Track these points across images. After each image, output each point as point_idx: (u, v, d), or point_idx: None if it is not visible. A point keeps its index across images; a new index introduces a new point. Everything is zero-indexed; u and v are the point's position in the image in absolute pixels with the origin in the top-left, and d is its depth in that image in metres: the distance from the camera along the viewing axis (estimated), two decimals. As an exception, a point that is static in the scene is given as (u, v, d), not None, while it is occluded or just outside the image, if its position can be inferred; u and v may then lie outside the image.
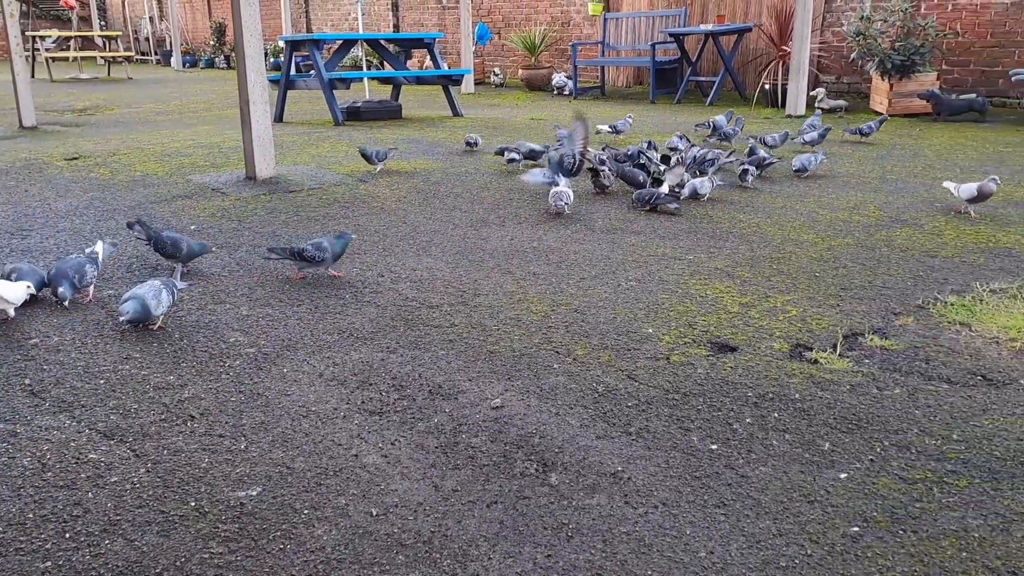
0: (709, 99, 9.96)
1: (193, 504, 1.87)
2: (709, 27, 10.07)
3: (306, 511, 1.84)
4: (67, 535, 1.76)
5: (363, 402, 2.37)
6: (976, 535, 1.70)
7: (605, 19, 11.78)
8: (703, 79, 10.55)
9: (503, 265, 3.64)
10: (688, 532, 1.75)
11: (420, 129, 8.13)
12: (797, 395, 2.36)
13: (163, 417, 2.28)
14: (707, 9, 11.05)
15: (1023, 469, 1.94)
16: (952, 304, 3.04)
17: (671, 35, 10.39)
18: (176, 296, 2.92)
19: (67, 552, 1.70)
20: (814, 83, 9.62)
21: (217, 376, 2.54)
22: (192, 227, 4.31)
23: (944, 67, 9.01)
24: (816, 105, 8.77)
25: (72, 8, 20.97)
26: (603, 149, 5.43)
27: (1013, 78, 7.88)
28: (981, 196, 4.23)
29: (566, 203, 4.51)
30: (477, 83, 13.24)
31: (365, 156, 5.75)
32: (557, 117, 8.94)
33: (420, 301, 3.19)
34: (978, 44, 8.87)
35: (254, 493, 1.92)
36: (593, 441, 2.14)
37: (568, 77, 11.72)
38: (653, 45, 10.49)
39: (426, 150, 6.79)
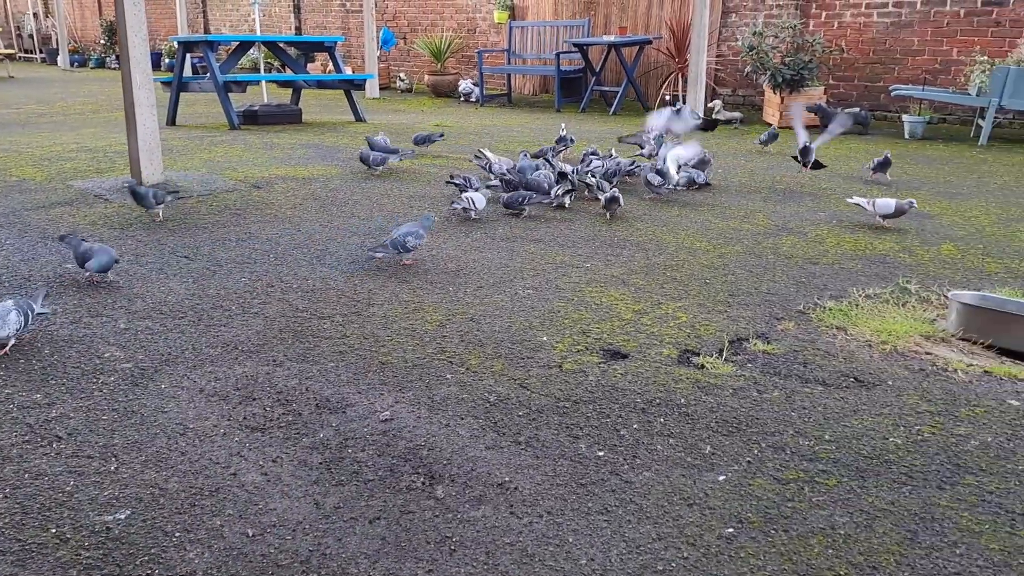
0: (613, 108, 10.14)
1: (54, 531, 1.76)
2: (611, 38, 10.27)
3: (178, 534, 1.76)
4: (-92, 571, 1.63)
5: (245, 418, 2.29)
6: (842, 532, 1.77)
7: (511, 27, 11.86)
8: (607, 89, 10.73)
9: (399, 274, 3.60)
10: (571, 540, 1.75)
11: (320, 134, 7.98)
12: (683, 400, 2.41)
13: (26, 439, 2.14)
14: (610, 20, 11.27)
15: (887, 467, 2.04)
16: (830, 309, 3.17)
17: (575, 45, 10.54)
18: (32, 319, 2.73)
19: (-93, 589, 1.57)
20: (711, 95, 9.94)
21: (89, 394, 2.41)
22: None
23: (831, 82, 9.45)
24: (713, 116, 9.06)
25: (-52, 1, 19.72)
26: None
27: (893, 93, 8.34)
28: (898, 212, 4.38)
29: (472, 207, 4.51)
30: (383, 88, 13.11)
31: (136, 196, 4.39)
32: (462, 124, 8.94)
33: (311, 312, 3.11)
34: (861, 61, 9.34)
35: (122, 517, 1.82)
36: (482, 452, 2.13)
37: (475, 84, 11.75)
38: (558, 54, 10.62)
39: (325, 155, 6.66)
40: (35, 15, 22.16)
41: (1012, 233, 4.33)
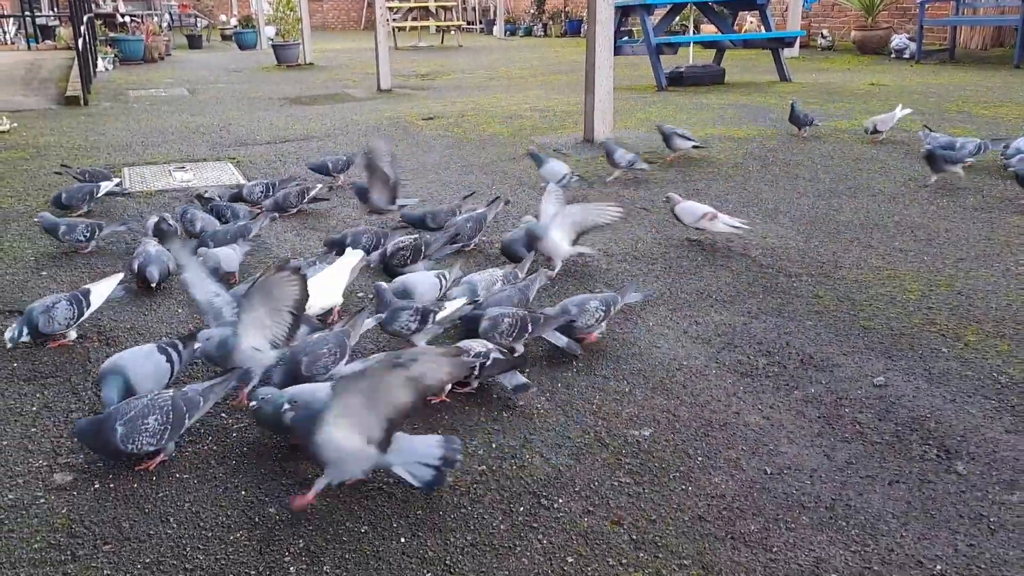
0: (1094, 64, 8.50)
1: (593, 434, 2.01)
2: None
3: (700, 457, 1.91)
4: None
5: (731, 363, 2.39)
6: None
7: (963, -27, 10.50)
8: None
9: (863, 239, 3.45)
10: None
11: (746, 94, 7.88)
12: None
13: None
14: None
15: None
16: None
17: (1051, -13, 8.99)
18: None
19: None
20: None
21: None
22: (542, 185, 4.58)
23: None
24: None
25: (413, -20, 23.10)
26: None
27: None
28: None
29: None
30: (801, 46, 12.50)
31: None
32: (900, 83, 8.19)
33: (777, 269, 3.12)
34: None
35: (646, 434, 2.02)
36: (1002, 435, 1.97)
37: (910, 38, 10.65)
38: (1026, -1, 9.16)
39: (755, 116, 6.58)
40: (477, -12, 24.93)
41: None
